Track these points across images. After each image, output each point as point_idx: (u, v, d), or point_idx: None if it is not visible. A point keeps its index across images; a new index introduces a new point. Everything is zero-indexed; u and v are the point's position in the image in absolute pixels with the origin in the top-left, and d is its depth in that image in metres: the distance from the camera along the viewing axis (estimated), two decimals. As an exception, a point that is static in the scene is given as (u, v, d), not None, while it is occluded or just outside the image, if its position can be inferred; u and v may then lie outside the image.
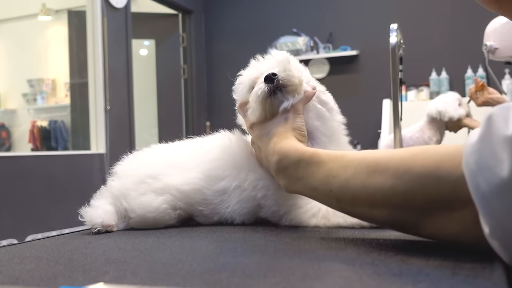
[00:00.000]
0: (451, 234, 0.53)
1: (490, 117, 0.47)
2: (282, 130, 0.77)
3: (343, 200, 0.62)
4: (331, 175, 0.63)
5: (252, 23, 5.35)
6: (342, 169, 0.62)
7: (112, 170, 0.94)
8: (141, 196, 0.86)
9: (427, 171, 0.51)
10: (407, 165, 0.54)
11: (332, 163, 0.64)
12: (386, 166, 0.56)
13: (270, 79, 0.80)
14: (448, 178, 0.49)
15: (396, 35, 1.13)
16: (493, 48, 2.26)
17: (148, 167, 0.90)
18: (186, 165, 0.88)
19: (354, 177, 0.60)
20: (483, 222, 0.46)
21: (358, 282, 0.45)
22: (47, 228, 3.34)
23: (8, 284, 0.49)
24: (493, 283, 0.42)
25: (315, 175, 0.66)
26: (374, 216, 0.60)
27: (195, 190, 0.86)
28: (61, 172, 3.78)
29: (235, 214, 0.84)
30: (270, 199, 0.82)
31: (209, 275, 0.49)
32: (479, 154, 0.46)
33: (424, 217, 0.54)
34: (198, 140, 0.96)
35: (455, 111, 2.36)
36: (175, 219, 0.87)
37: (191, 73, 5.41)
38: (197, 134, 0.99)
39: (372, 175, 0.57)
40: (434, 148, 0.54)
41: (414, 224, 0.56)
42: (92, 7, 4.15)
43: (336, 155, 0.65)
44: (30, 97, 5.51)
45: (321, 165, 0.65)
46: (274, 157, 0.73)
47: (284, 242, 0.67)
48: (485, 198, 0.45)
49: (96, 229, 0.84)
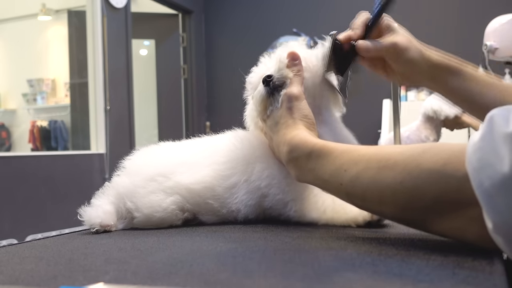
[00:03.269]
0: (458, 231, 0.53)
1: (491, 117, 0.48)
2: (291, 121, 0.77)
3: (353, 194, 0.63)
4: (342, 168, 0.63)
5: (252, 23, 5.35)
6: (353, 163, 0.62)
7: (120, 166, 0.93)
8: (150, 195, 0.86)
9: (435, 168, 0.52)
10: (416, 162, 0.54)
11: (343, 156, 0.64)
12: (396, 162, 0.57)
13: (266, 82, 0.81)
14: (454, 176, 0.50)
15: (396, 35, 1.12)
16: (493, 48, 2.27)
17: (159, 165, 0.90)
18: (197, 165, 0.89)
19: (365, 172, 0.60)
20: (487, 218, 0.47)
21: (358, 282, 0.45)
22: (47, 228, 3.33)
23: (8, 284, 0.48)
24: (493, 283, 0.42)
25: (325, 167, 0.66)
26: (384, 211, 0.61)
27: (206, 188, 0.86)
28: (61, 172, 3.78)
29: (241, 205, 0.85)
30: (275, 187, 0.84)
31: (209, 275, 0.49)
32: (481, 152, 0.47)
33: (432, 214, 0.54)
34: (209, 139, 0.96)
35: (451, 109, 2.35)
36: (181, 220, 0.87)
37: (191, 73, 5.41)
38: (197, 134, 0.99)
39: (382, 171, 0.58)
40: (442, 146, 0.55)
41: (422, 221, 0.57)
42: (92, 7, 4.15)
43: (347, 149, 0.65)
44: (30, 97, 5.51)
45: (331, 158, 0.66)
46: (285, 147, 0.74)
47: (284, 242, 0.67)
48: (488, 194, 0.46)
49: (94, 229, 0.84)
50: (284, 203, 0.84)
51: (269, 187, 0.84)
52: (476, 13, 4.38)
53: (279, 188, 0.84)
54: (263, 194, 0.85)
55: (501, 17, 2.44)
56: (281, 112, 0.79)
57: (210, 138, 0.96)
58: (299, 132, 0.74)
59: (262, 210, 0.87)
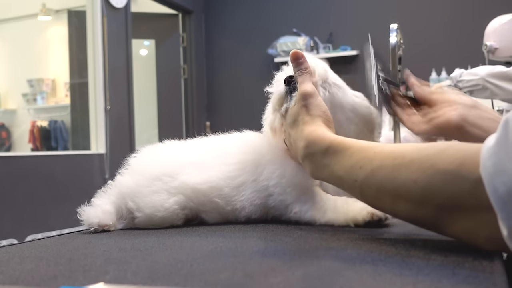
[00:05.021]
0: (470, 235, 0.53)
1: (507, 121, 0.48)
2: (308, 118, 0.77)
3: (367, 192, 0.62)
4: (357, 165, 0.63)
5: (252, 23, 5.35)
6: (368, 160, 0.62)
7: (125, 164, 0.93)
8: (152, 195, 0.86)
9: (449, 168, 0.52)
10: (432, 161, 0.54)
11: (359, 153, 0.64)
12: (411, 160, 0.56)
13: (288, 82, 0.82)
14: (468, 178, 0.50)
15: (396, 35, 1.12)
16: (493, 48, 2.27)
17: (165, 164, 0.90)
18: (204, 165, 0.89)
19: (380, 169, 0.60)
20: (502, 225, 0.46)
21: (358, 282, 0.45)
22: (47, 228, 3.33)
23: (8, 284, 0.48)
24: (493, 283, 0.42)
25: (341, 163, 0.66)
26: (397, 210, 0.60)
27: (213, 188, 0.86)
28: (61, 172, 3.78)
29: (247, 203, 0.86)
30: (280, 187, 0.84)
31: (209, 275, 0.49)
32: (496, 157, 0.47)
33: (445, 215, 0.54)
34: (216, 139, 0.96)
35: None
36: (182, 219, 0.87)
37: (191, 73, 5.41)
38: (197, 134, 0.99)
39: (397, 168, 0.57)
40: (458, 146, 0.55)
41: (435, 222, 0.56)
42: (92, 7, 4.15)
43: (364, 146, 0.65)
44: (30, 97, 5.51)
45: (347, 154, 0.66)
46: (302, 142, 0.74)
47: (284, 242, 0.67)
48: (503, 201, 0.45)
49: (92, 228, 0.84)
50: (285, 204, 0.84)
51: (276, 186, 0.85)
52: (476, 13, 4.38)
53: (283, 188, 0.84)
54: (269, 193, 0.85)
55: (501, 17, 2.44)
56: (298, 110, 0.78)
57: (217, 139, 0.96)
58: (317, 128, 0.74)
59: (266, 210, 0.87)
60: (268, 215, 0.88)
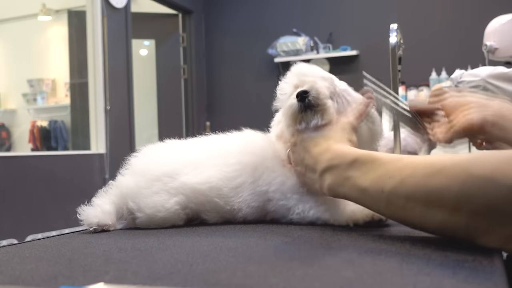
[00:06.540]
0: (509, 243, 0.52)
1: None
2: (340, 137, 0.78)
3: (394, 202, 0.61)
4: (386, 175, 0.62)
5: (252, 23, 5.35)
6: (398, 170, 0.61)
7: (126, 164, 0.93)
8: (153, 195, 0.86)
9: (483, 173, 0.51)
10: (465, 166, 0.54)
11: (389, 164, 0.64)
12: (444, 167, 0.56)
13: (302, 97, 0.81)
14: (504, 184, 0.49)
15: (396, 35, 1.13)
16: (493, 48, 2.27)
17: (166, 164, 0.89)
18: (204, 164, 0.88)
19: (411, 177, 0.59)
20: None
21: (359, 282, 0.45)
22: (47, 228, 3.33)
23: (8, 284, 0.48)
24: (493, 282, 0.42)
25: (368, 174, 0.66)
26: (427, 219, 0.58)
27: (212, 188, 0.86)
28: (61, 172, 3.78)
29: (244, 205, 0.86)
30: (280, 193, 0.84)
31: (209, 275, 0.49)
32: None
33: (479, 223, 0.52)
34: (216, 138, 0.96)
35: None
36: (183, 219, 0.87)
37: (191, 73, 5.41)
38: (198, 134, 0.99)
39: (428, 176, 0.57)
40: (491, 152, 0.54)
41: (467, 231, 0.54)
42: (92, 7, 4.15)
43: (394, 157, 0.65)
44: (30, 97, 5.51)
45: (376, 165, 0.65)
46: (327, 155, 0.74)
47: (284, 242, 0.67)
48: None
49: (92, 228, 0.84)
50: (287, 208, 0.84)
51: (276, 192, 0.85)
52: (476, 13, 4.38)
53: (283, 195, 0.84)
54: (268, 198, 0.86)
55: (501, 17, 2.44)
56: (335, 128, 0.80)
57: (217, 138, 0.95)
58: (346, 145, 0.76)
59: (264, 213, 0.87)
60: (266, 217, 0.88)
